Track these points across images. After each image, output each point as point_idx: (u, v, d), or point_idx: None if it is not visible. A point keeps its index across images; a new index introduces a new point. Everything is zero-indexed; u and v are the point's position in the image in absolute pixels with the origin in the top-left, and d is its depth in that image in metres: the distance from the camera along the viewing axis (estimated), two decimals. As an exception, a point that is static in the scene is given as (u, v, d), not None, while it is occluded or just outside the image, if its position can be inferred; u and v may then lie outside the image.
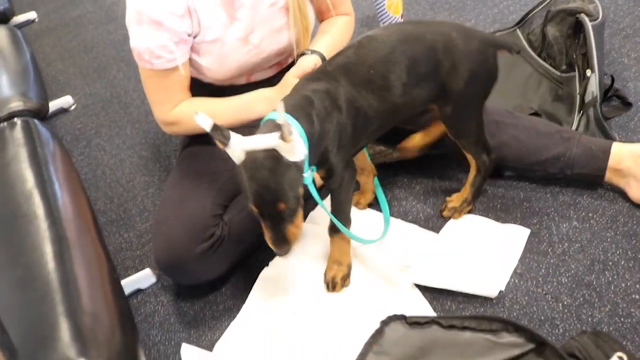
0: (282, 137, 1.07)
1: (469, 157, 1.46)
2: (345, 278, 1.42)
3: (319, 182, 1.46)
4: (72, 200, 1.10)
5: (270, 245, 1.18)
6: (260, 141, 1.10)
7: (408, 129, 1.58)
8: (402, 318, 0.95)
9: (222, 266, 1.48)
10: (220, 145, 1.11)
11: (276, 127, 1.11)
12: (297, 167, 1.13)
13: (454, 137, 1.43)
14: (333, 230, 1.39)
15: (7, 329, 0.74)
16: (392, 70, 1.30)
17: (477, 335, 0.90)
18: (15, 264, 0.95)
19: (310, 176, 1.17)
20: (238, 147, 1.10)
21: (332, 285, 1.41)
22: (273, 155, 1.10)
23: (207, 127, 1.07)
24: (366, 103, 1.28)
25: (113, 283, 0.97)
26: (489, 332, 0.90)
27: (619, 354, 0.90)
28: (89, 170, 2.05)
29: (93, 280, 0.93)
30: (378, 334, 0.95)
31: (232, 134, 1.10)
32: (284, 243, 1.16)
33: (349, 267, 1.43)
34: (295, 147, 1.10)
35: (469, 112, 1.40)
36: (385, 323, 0.96)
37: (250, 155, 1.10)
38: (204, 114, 1.07)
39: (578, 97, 1.61)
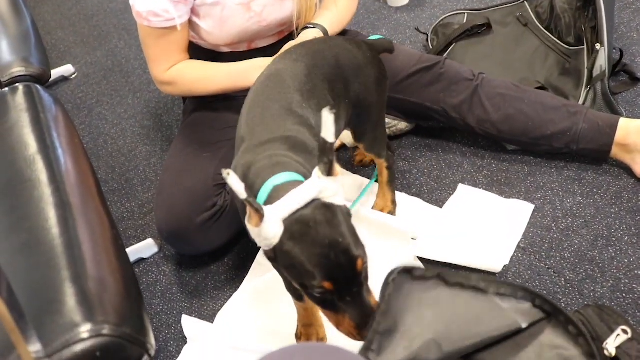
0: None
1: (375, 159, 1.43)
2: None
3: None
4: (75, 166, 1.09)
5: (352, 332, 0.89)
6: (299, 195, 0.85)
7: None
8: (408, 271, 0.90)
9: (224, 236, 1.48)
10: (254, 223, 0.88)
11: (295, 182, 0.91)
12: (347, 209, 0.91)
13: (358, 141, 1.35)
14: None
15: (12, 294, 0.73)
16: (319, 97, 1.16)
17: (482, 299, 0.89)
18: (19, 229, 0.95)
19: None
20: (275, 218, 0.85)
21: None
22: (321, 206, 0.87)
23: (240, 193, 0.84)
24: None
25: (118, 249, 0.97)
26: (497, 295, 0.89)
27: (623, 327, 0.90)
28: (90, 139, 2.03)
29: (98, 245, 0.92)
30: (385, 287, 0.89)
31: (266, 208, 0.86)
32: (369, 320, 0.87)
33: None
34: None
35: (377, 117, 1.35)
36: (389, 275, 0.91)
37: (293, 220, 0.85)
38: (235, 177, 0.84)
39: (586, 71, 1.59)
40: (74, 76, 2.35)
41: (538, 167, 1.55)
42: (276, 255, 0.88)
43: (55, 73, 2.31)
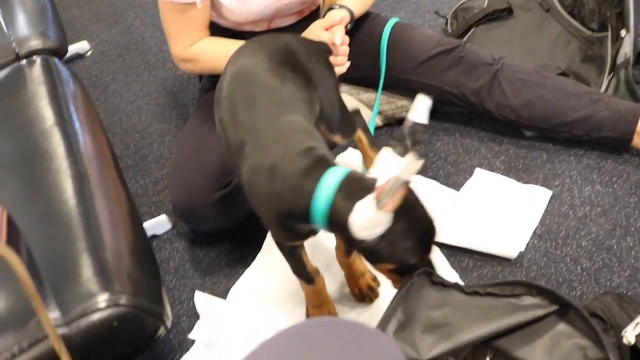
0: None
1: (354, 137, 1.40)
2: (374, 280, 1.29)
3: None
4: (92, 139, 1.09)
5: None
6: (399, 180, 0.86)
7: None
8: (428, 274, 0.92)
9: (238, 214, 1.47)
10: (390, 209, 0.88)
11: (368, 185, 0.91)
12: None
13: (331, 130, 1.28)
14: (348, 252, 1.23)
15: (29, 263, 0.73)
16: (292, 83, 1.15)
17: (500, 300, 0.89)
18: (37, 200, 0.94)
19: None
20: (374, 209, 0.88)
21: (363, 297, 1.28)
22: (410, 186, 0.90)
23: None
24: None
25: (134, 222, 0.96)
26: (512, 296, 0.89)
27: (643, 315, 0.89)
28: (105, 116, 2.03)
29: (114, 217, 0.92)
30: (404, 284, 0.91)
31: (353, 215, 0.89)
32: None
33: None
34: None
35: (339, 96, 1.32)
36: (410, 277, 0.93)
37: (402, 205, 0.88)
38: None
39: (609, 58, 1.56)
40: (89, 53, 2.35)
41: (557, 154, 1.53)
42: (382, 240, 0.90)
43: (71, 50, 2.30)
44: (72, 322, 0.73)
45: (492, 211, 1.41)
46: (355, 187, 0.91)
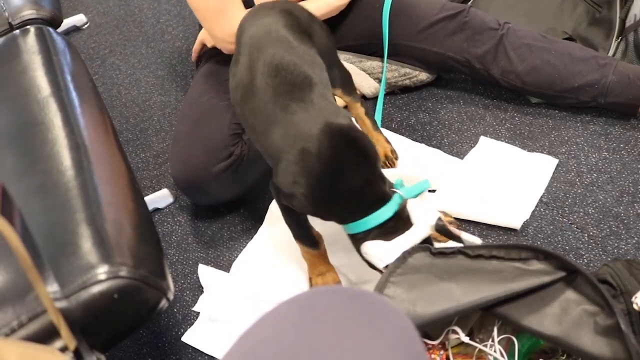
0: None
1: (352, 104, 1.38)
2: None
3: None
4: (90, 109, 1.06)
5: None
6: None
7: None
8: (426, 249, 0.92)
9: (240, 186, 1.45)
10: None
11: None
12: None
13: (334, 86, 1.29)
14: None
15: (27, 236, 0.72)
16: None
17: (505, 264, 0.88)
18: (33, 171, 0.92)
19: None
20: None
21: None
22: None
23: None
24: None
25: (134, 192, 0.94)
26: (518, 260, 0.88)
27: (654, 281, 0.87)
28: (104, 89, 2.00)
29: (114, 188, 0.90)
30: (400, 261, 0.92)
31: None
32: None
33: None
34: None
35: (337, 57, 1.36)
36: (408, 252, 0.93)
37: None
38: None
39: (618, 20, 1.52)
40: (86, 26, 2.31)
41: (563, 121, 1.50)
42: None
43: (67, 23, 2.26)
44: (71, 295, 0.71)
45: (497, 180, 1.39)
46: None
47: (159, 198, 1.57)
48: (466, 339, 0.95)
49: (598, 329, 0.85)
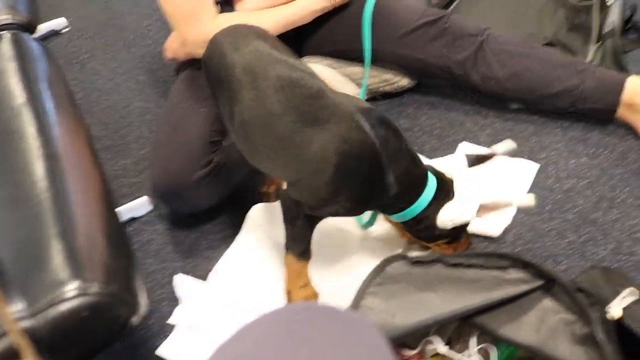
0: None
1: None
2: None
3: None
4: (65, 118, 1.04)
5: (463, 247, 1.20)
6: None
7: None
8: (404, 257, 0.92)
9: (220, 194, 1.44)
10: None
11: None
12: None
13: None
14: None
15: (-3, 249, 0.70)
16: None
17: (484, 272, 0.88)
18: (4, 182, 0.90)
19: None
20: None
21: None
22: None
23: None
24: None
25: (109, 205, 0.93)
26: (497, 268, 0.88)
27: (629, 289, 0.87)
28: (83, 95, 1.98)
29: (88, 200, 0.88)
30: (378, 271, 0.93)
31: None
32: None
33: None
34: None
35: None
36: (386, 261, 0.93)
37: None
38: None
39: (596, 27, 1.53)
40: (66, 30, 2.28)
41: (542, 127, 1.51)
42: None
43: (47, 26, 2.24)
44: (38, 313, 0.70)
45: (478, 185, 1.39)
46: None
47: (138, 206, 1.56)
48: (444, 349, 0.94)
49: (575, 338, 0.85)
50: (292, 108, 1.08)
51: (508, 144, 1.18)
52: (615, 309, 0.86)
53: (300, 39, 1.63)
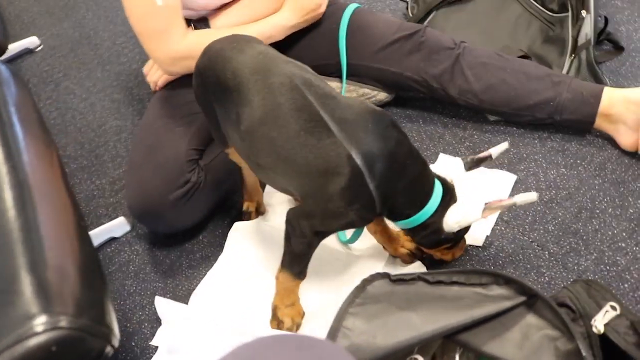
0: None
1: None
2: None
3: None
4: (34, 143, 1.02)
5: (456, 255, 1.26)
6: None
7: None
8: (385, 276, 0.91)
9: (198, 213, 1.42)
10: None
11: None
12: None
13: None
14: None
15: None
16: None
17: (466, 289, 0.87)
18: (-28, 212, 0.88)
19: None
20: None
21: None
22: None
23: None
24: None
25: (80, 232, 0.90)
26: (479, 285, 0.87)
27: (612, 303, 0.87)
28: (57, 114, 1.95)
29: (58, 229, 0.85)
30: (359, 291, 0.91)
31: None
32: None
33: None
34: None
35: None
36: (367, 281, 0.92)
37: None
38: None
39: (571, 39, 1.54)
40: (39, 48, 2.25)
41: (521, 138, 1.51)
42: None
43: (19, 45, 2.20)
44: (5, 350, 0.67)
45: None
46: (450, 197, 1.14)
47: (115, 226, 1.53)
48: (428, 368, 0.93)
49: (559, 354, 0.84)
50: (306, 107, 1.05)
51: (503, 146, 1.21)
52: (599, 324, 0.86)
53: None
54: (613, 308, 0.87)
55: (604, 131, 1.45)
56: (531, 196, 1.09)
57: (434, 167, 1.46)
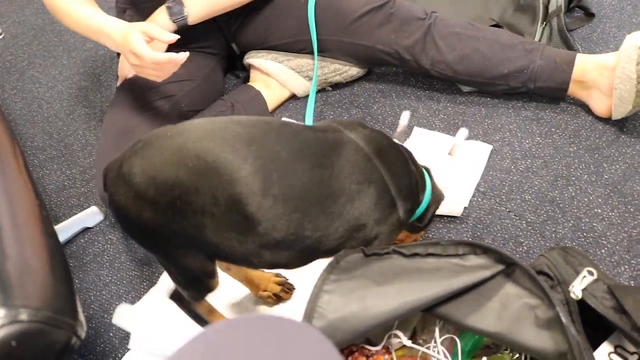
0: None
1: None
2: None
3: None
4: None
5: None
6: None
7: None
8: (359, 250, 0.88)
9: None
10: None
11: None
12: None
13: None
14: None
15: None
16: None
17: (443, 260, 0.85)
18: None
19: None
20: None
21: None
22: None
23: None
24: None
25: (43, 223, 0.86)
26: (455, 256, 0.85)
27: (588, 268, 0.86)
28: (23, 105, 1.90)
29: (18, 219, 0.82)
30: (333, 267, 0.88)
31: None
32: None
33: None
34: None
35: None
36: (340, 256, 0.88)
37: None
38: None
39: (541, 6, 1.53)
40: (0, 37, 2.18)
41: (495, 109, 1.50)
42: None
43: (-20, 34, 2.14)
44: (-38, 345, 0.65)
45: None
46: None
47: (88, 216, 1.49)
48: (408, 343, 0.92)
49: (539, 322, 0.83)
50: (301, 150, 0.89)
51: (463, 132, 1.24)
52: (577, 290, 0.85)
53: (240, 33, 1.58)
54: (590, 273, 0.86)
55: (577, 98, 1.45)
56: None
57: (410, 142, 1.46)
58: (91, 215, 1.50)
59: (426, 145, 1.44)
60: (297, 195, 0.86)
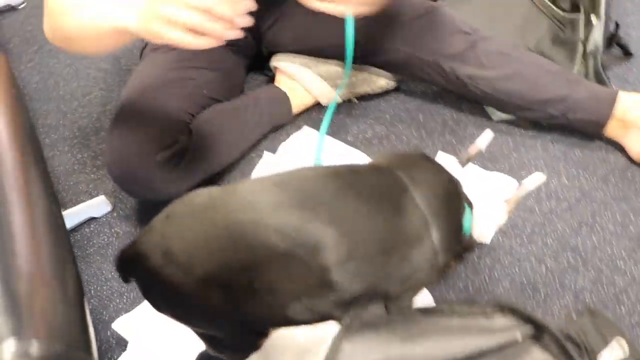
0: None
1: None
2: None
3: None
4: (7, 127, 0.92)
5: None
6: None
7: None
8: (382, 306, 0.84)
9: (184, 182, 1.31)
10: None
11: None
12: None
13: None
14: None
15: None
16: None
17: (469, 320, 0.82)
18: None
19: None
20: None
21: None
22: None
23: None
24: None
25: (56, 231, 0.82)
26: (481, 315, 0.82)
27: (618, 338, 0.83)
28: (40, 78, 1.85)
29: (34, 230, 0.77)
30: (354, 318, 0.82)
31: None
32: None
33: None
34: None
35: None
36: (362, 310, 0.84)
37: None
38: None
39: (581, 45, 1.48)
40: (22, 5, 2.13)
41: (523, 141, 1.46)
42: None
43: (1, 1, 2.09)
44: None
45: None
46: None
47: (95, 206, 1.45)
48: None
49: (561, 390, 0.80)
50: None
51: (487, 134, 1.13)
52: (604, 361, 0.82)
53: (272, 34, 1.54)
54: (620, 345, 0.82)
55: (612, 138, 1.40)
56: (539, 177, 1.04)
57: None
58: (99, 205, 1.46)
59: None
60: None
